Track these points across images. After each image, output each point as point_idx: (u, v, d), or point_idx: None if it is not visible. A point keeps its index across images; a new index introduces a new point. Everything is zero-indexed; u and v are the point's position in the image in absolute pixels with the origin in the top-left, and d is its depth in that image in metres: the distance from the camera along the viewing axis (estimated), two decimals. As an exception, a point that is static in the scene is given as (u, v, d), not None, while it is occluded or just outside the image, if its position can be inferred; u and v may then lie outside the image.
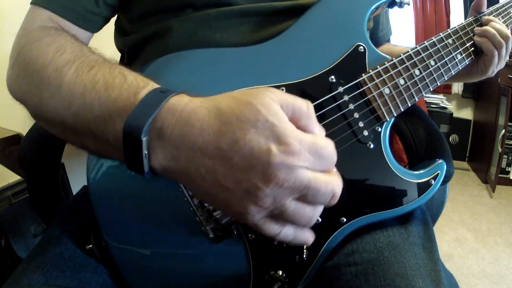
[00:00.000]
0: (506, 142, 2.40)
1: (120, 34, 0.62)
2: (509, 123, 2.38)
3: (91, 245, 0.50)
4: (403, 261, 0.46)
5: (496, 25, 0.63)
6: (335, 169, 0.34)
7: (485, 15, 0.67)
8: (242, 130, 0.30)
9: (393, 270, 0.45)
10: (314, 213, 0.33)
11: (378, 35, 0.77)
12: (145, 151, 0.32)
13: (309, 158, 0.30)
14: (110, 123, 0.35)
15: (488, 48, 0.63)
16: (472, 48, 0.63)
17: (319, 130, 0.33)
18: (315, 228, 0.47)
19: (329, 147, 0.32)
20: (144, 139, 0.31)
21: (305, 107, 0.32)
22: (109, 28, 0.60)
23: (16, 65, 0.45)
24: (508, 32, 0.64)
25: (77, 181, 0.87)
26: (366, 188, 0.50)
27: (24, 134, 0.66)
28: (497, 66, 0.67)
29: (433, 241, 0.52)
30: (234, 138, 0.30)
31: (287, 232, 0.34)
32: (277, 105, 0.31)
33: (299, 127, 0.32)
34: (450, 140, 2.84)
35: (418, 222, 0.55)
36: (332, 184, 0.32)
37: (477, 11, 0.68)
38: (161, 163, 0.32)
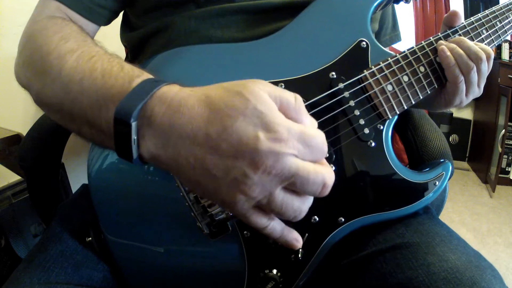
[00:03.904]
0: (506, 142, 2.41)
1: (125, 30, 0.63)
2: (509, 123, 2.38)
3: (90, 238, 0.51)
4: (428, 240, 0.47)
5: (466, 42, 0.53)
6: (332, 166, 0.33)
7: (457, 30, 0.57)
8: (231, 118, 0.30)
9: (421, 250, 0.46)
10: (302, 207, 0.33)
11: (381, 40, 0.74)
12: (134, 136, 0.32)
13: (297, 146, 0.30)
14: (104, 109, 0.35)
15: (451, 72, 0.53)
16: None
17: (310, 122, 0.33)
18: (312, 227, 0.47)
19: (318, 137, 0.32)
20: (133, 123, 0.32)
21: (293, 100, 0.32)
22: (113, 27, 0.61)
23: (23, 52, 0.46)
24: (483, 51, 0.52)
25: (77, 181, 0.87)
26: (366, 188, 0.50)
27: (24, 134, 0.66)
28: (467, 94, 0.55)
29: (446, 226, 0.53)
30: (222, 126, 0.30)
31: (275, 227, 0.34)
32: (266, 95, 0.31)
33: (287, 118, 0.32)
34: (450, 140, 2.84)
35: (425, 211, 0.55)
36: (322, 173, 0.31)
37: (449, 25, 0.57)
38: (150, 150, 0.33)
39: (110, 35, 0.63)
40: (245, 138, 0.29)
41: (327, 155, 0.33)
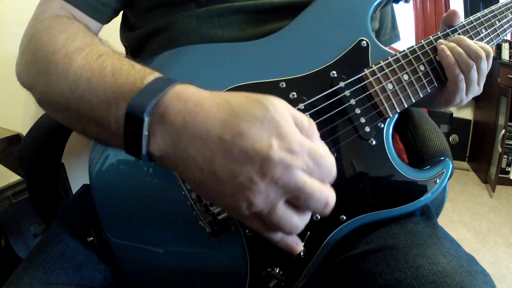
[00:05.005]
0: (506, 142, 2.41)
1: (125, 29, 0.63)
2: (509, 123, 2.39)
3: (91, 238, 0.50)
4: (420, 242, 0.47)
5: (466, 41, 0.53)
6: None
7: (456, 29, 0.57)
8: (248, 124, 0.30)
9: (412, 252, 0.46)
10: (299, 224, 0.33)
11: (381, 39, 0.74)
12: (145, 132, 0.32)
13: (307, 162, 0.31)
14: (114, 107, 0.35)
15: (451, 72, 0.52)
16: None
17: (321, 145, 0.34)
18: (314, 225, 0.47)
19: (329, 159, 0.32)
20: (146, 118, 0.32)
21: (307, 122, 0.33)
22: (113, 27, 0.61)
23: (26, 52, 0.46)
24: (482, 50, 0.52)
25: (77, 181, 0.87)
26: (367, 186, 0.50)
27: (24, 134, 0.66)
28: (468, 93, 0.54)
29: (441, 228, 0.53)
30: (238, 130, 0.30)
31: (275, 232, 0.35)
32: (284, 108, 0.32)
33: None
34: (450, 140, 2.84)
35: (424, 211, 0.55)
36: (327, 193, 0.32)
37: (448, 25, 0.58)
38: (160, 148, 0.32)
39: (110, 35, 0.63)
40: (258, 145, 0.29)
41: (334, 179, 0.33)
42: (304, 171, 0.31)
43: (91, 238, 0.50)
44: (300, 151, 0.30)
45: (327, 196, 0.32)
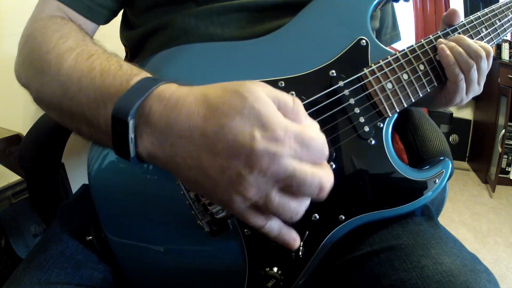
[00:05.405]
0: (506, 142, 2.41)
1: (125, 28, 0.63)
2: (509, 123, 2.39)
3: (90, 237, 0.51)
4: (423, 242, 0.47)
5: (466, 40, 0.52)
6: (332, 164, 0.33)
7: (456, 29, 0.57)
8: (228, 117, 0.30)
9: (416, 252, 0.46)
10: (299, 208, 0.32)
11: (382, 39, 0.74)
12: (131, 135, 0.32)
13: (295, 147, 0.30)
14: (102, 107, 0.35)
15: (451, 71, 0.52)
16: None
17: (309, 123, 0.33)
18: (312, 225, 0.47)
19: (318, 138, 0.31)
20: (130, 121, 0.32)
21: (291, 101, 0.32)
22: (113, 26, 0.61)
23: (23, 51, 0.46)
24: (482, 49, 0.52)
25: (77, 181, 0.87)
26: (366, 186, 0.49)
27: (24, 134, 0.66)
28: (468, 93, 0.54)
29: (443, 228, 0.53)
30: (219, 125, 0.30)
31: (272, 226, 0.34)
32: (264, 94, 0.31)
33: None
34: (450, 140, 2.84)
35: (423, 212, 0.55)
36: (319, 176, 0.31)
37: (448, 24, 0.58)
38: (148, 149, 0.32)
39: (110, 35, 0.63)
40: (241, 138, 0.29)
41: (327, 157, 0.33)
42: (293, 157, 0.30)
43: (90, 237, 0.51)
44: (285, 138, 0.29)
45: (320, 179, 0.31)
